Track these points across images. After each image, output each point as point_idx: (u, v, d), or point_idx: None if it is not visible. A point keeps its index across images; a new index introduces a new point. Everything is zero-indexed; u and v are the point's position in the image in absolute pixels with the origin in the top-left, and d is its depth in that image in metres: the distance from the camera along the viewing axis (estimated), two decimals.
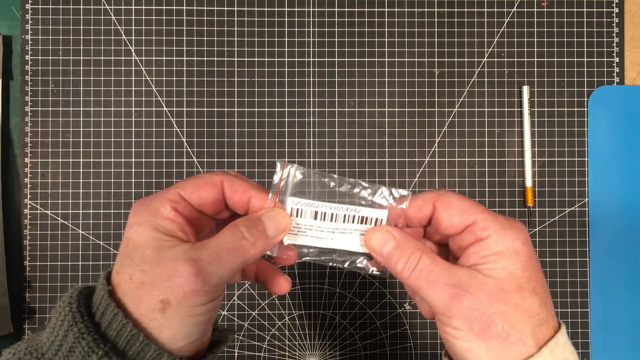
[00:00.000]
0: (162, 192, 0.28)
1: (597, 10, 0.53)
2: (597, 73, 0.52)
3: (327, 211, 0.29)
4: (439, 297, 0.26)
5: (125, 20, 0.52)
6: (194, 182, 0.28)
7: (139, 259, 0.26)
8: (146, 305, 0.25)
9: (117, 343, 0.25)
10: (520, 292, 0.26)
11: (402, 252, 0.28)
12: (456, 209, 0.28)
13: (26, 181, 0.51)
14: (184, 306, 0.25)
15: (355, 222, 0.30)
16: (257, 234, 0.27)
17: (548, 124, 0.52)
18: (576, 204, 0.52)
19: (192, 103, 0.52)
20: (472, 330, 0.26)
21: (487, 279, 0.26)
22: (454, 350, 0.27)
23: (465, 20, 0.52)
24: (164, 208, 0.27)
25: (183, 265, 0.25)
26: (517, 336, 0.26)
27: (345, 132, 0.52)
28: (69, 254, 0.51)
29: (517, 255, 0.26)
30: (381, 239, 0.29)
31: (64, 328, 0.25)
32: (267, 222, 0.28)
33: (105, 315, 0.25)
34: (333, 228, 0.30)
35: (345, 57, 0.52)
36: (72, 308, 0.25)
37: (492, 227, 0.27)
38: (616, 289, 0.51)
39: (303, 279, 0.52)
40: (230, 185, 0.28)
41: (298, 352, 0.51)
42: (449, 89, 0.52)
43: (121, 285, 0.26)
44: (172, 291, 0.25)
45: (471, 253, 0.27)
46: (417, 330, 0.52)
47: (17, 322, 0.50)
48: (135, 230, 0.26)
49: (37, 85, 0.51)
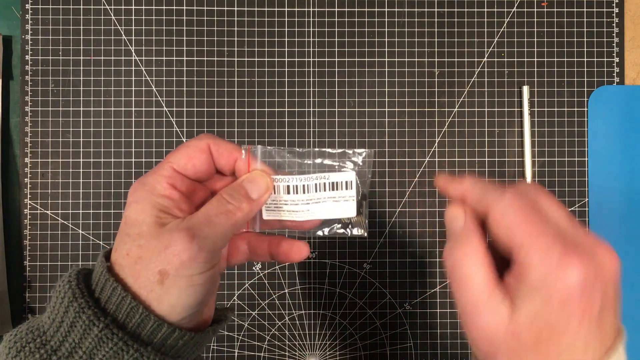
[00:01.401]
0: (156, 168, 0.28)
1: (597, 10, 0.53)
2: (597, 73, 0.52)
3: (298, 184, 0.30)
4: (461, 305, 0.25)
5: (125, 20, 0.52)
6: (185, 151, 0.29)
7: (135, 235, 0.26)
8: (144, 277, 0.25)
9: (117, 316, 0.25)
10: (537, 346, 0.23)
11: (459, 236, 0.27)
12: (505, 228, 0.24)
13: (26, 181, 0.51)
14: (181, 275, 0.25)
15: (327, 190, 0.31)
16: (240, 197, 0.28)
17: (548, 124, 0.52)
18: (576, 204, 0.52)
19: (192, 103, 0.52)
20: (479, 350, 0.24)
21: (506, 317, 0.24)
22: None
23: (465, 20, 0.52)
24: (159, 185, 0.28)
25: (177, 234, 0.25)
26: None
27: (345, 132, 0.52)
28: (69, 254, 0.51)
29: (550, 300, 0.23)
30: (453, 214, 0.28)
31: (64, 305, 0.25)
32: (248, 185, 0.29)
33: (104, 290, 0.25)
34: (307, 199, 0.31)
35: (345, 57, 0.52)
36: (72, 285, 0.25)
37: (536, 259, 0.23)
38: None
39: (303, 279, 0.52)
40: (217, 148, 0.29)
41: (298, 352, 0.51)
42: (449, 89, 0.52)
43: (119, 261, 0.26)
44: (168, 261, 0.25)
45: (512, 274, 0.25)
46: (417, 330, 0.52)
47: (17, 322, 0.50)
48: (133, 208, 0.27)
49: (37, 85, 0.51)
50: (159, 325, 0.25)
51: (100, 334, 0.24)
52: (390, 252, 0.52)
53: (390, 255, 0.52)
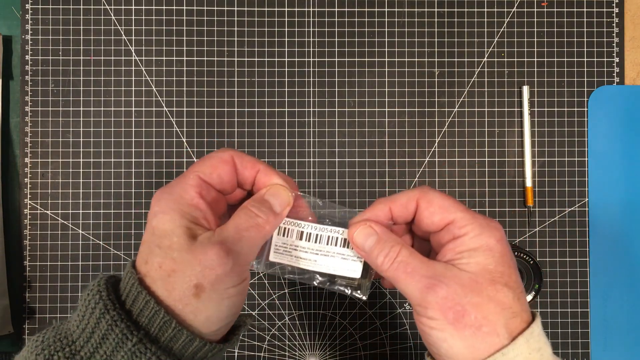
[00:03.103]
0: (182, 178, 0.28)
1: (597, 10, 0.53)
2: (597, 73, 0.52)
3: (312, 232, 0.31)
4: (415, 287, 0.27)
5: (125, 20, 0.52)
6: (209, 162, 0.29)
7: (166, 247, 0.26)
8: (179, 291, 0.25)
9: (150, 329, 0.25)
10: (493, 285, 0.27)
11: (383, 245, 0.29)
12: (437, 207, 0.29)
13: (26, 181, 0.51)
14: (217, 289, 0.26)
15: (338, 245, 0.31)
16: (266, 211, 0.29)
17: (548, 124, 0.52)
18: (576, 204, 0.52)
19: (192, 103, 0.52)
20: (447, 319, 0.26)
21: (462, 273, 0.27)
22: (430, 340, 0.28)
23: (465, 20, 0.52)
24: (187, 195, 0.28)
25: (212, 249, 0.26)
26: (490, 327, 0.26)
27: (345, 132, 0.52)
28: (69, 254, 0.51)
29: (490, 252, 0.28)
30: (364, 233, 0.30)
31: (96, 316, 0.25)
32: (272, 199, 0.29)
33: (136, 303, 0.25)
34: (317, 250, 0.31)
35: (345, 57, 0.52)
36: (103, 296, 0.25)
37: (469, 225, 0.28)
38: (616, 289, 0.51)
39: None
40: (240, 160, 0.30)
41: (298, 352, 0.51)
42: (449, 89, 0.52)
43: (151, 274, 0.26)
44: (204, 275, 0.25)
45: (448, 249, 0.29)
46: (417, 330, 0.52)
47: (17, 322, 0.50)
48: (161, 218, 0.27)
49: (37, 85, 0.51)
50: (190, 340, 0.25)
51: (134, 348, 0.24)
52: None
53: None
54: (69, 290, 0.51)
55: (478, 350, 0.26)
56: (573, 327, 0.51)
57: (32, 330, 0.50)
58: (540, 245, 0.52)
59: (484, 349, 0.26)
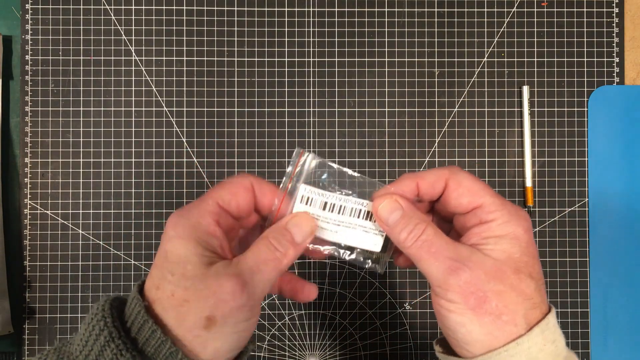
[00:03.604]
0: (199, 202, 0.28)
1: (597, 10, 0.53)
2: (597, 73, 0.52)
3: (335, 202, 0.30)
4: (438, 268, 0.27)
5: (125, 20, 0.52)
6: (229, 188, 0.28)
7: (180, 274, 0.26)
8: (190, 322, 0.25)
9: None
10: (517, 274, 0.27)
11: (408, 221, 0.28)
12: (466, 190, 0.28)
13: (26, 181, 0.51)
14: (228, 323, 0.25)
15: (361, 218, 0.30)
16: (286, 244, 0.28)
17: (548, 124, 0.52)
18: (576, 204, 0.52)
19: (192, 103, 0.52)
20: (467, 304, 0.26)
21: (487, 258, 0.27)
22: (447, 323, 0.27)
23: (465, 20, 0.52)
24: (205, 221, 0.27)
25: (227, 282, 0.25)
26: (510, 316, 0.26)
27: (345, 132, 0.52)
28: (69, 254, 0.51)
29: (517, 240, 0.27)
30: (389, 207, 0.29)
31: (100, 343, 0.24)
32: (294, 229, 0.29)
33: (142, 332, 0.25)
34: (339, 221, 0.30)
35: (345, 57, 0.52)
36: (107, 323, 0.25)
37: (498, 211, 0.27)
38: (616, 289, 0.51)
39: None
40: (259, 187, 0.29)
41: (298, 352, 0.51)
42: (449, 89, 0.52)
43: (162, 302, 0.26)
44: (217, 307, 0.25)
45: (473, 233, 0.28)
46: (417, 330, 0.52)
47: (17, 322, 0.50)
48: (175, 243, 0.26)
49: (37, 85, 0.51)
50: None
51: None
52: None
53: None
54: (69, 290, 0.51)
55: (496, 338, 0.26)
56: (573, 327, 0.51)
57: (32, 330, 0.50)
58: (540, 245, 0.52)
59: (501, 337, 0.26)
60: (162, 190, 0.51)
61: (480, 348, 0.26)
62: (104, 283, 0.51)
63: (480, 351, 0.26)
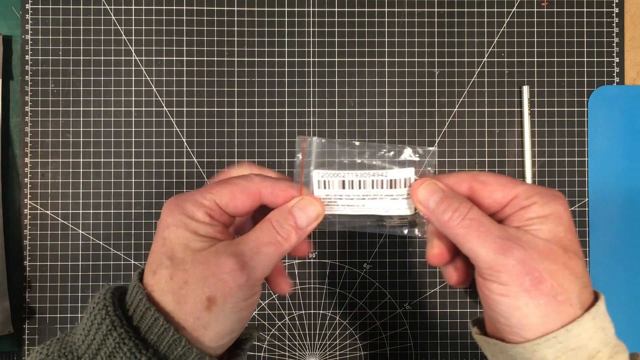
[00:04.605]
0: (197, 193, 0.27)
1: (597, 10, 0.53)
2: (597, 73, 0.52)
3: (354, 179, 0.30)
4: (488, 248, 0.26)
5: (125, 20, 0.52)
6: (231, 189, 0.27)
7: (179, 258, 0.25)
8: (191, 304, 0.25)
9: (159, 348, 0.24)
10: (566, 252, 0.26)
11: (451, 200, 0.27)
12: (496, 185, 0.28)
13: (26, 181, 0.51)
14: (228, 302, 0.25)
15: (385, 187, 0.30)
16: (289, 228, 0.28)
17: (548, 124, 0.52)
18: (576, 204, 0.52)
19: (192, 103, 0.52)
20: (522, 286, 0.25)
21: (536, 238, 0.26)
22: (498, 309, 0.26)
23: (465, 20, 0.52)
24: (199, 213, 0.27)
25: (227, 261, 0.25)
26: (565, 295, 0.25)
27: (345, 132, 0.52)
28: (69, 254, 0.51)
29: (560, 219, 0.27)
30: (428, 189, 0.28)
31: (102, 332, 0.24)
32: (298, 213, 0.28)
33: (144, 319, 0.25)
34: (363, 195, 0.30)
35: (345, 57, 0.52)
36: (109, 312, 0.24)
37: (535, 195, 0.27)
38: (616, 289, 0.51)
39: (303, 279, 0.52)
40: (271, 191, 0.28)
41: (298, 352, 0.51)
42: (449, 89, 0.52)
43: (160, 286, 0.25)
44: (217, 287, 0.25)
45: (515, 217, 0.27)
46: (417, 330, 0.52)
47: (17, 322, 0.50)
48: (173, 231, 0.26)
49: (37, 85, 0.51)
50: (200, 358, 0.25)
51: None
52: (390, 252, 0.52)
53: (390, 255, 0.52)
54: (69, 290, 0.51)
55: (552, 320, 0.25)
56: None
57: (32, 330, 0.50)
58: None
59: (557, 319, 0.25)
60: (162, 191, 0.51)
61: (535, 332, 0.25)
62: (104, 283, 0.51)
63: (534, 335, 0.25)
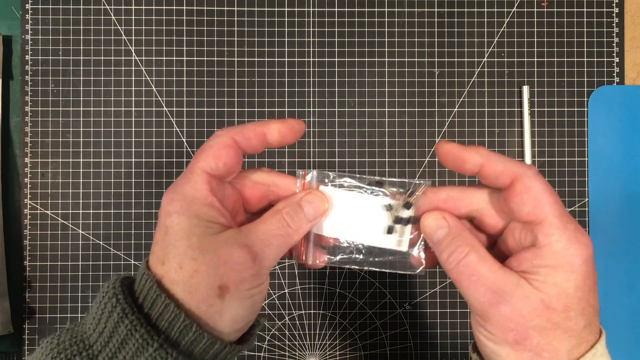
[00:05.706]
0: (188, 175, 0.27)
1: (597, 10, 0.53)
2: (597, 73, 0.52)
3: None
4: (477, 299, 0.26)
5: (125, 20, 0.52)
6: (211, 152, 0.27)
7: (186, 247, 0.25)
8: (203, 292, 0.25)
9: (170, 334, 0.25)
10: (566, 312, 0.25)
11: (450, 242, 0.27)
12: (532, 199, 0.25)
13: (26, 181, 0.51)
14: (240, 289, 0.25)
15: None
16: (299, 220, 0.28)
17: (548, 124, 0.52)
18: (576, 204, 0.52)
19: (192, 103, 0.52)
20: (506, 339, 0.25)
21: (534, 292, 0.25)
22: (483, 349, 0.27)
23: (465, 20, 0.52)
24: (199, 194, 0.26)
25: (239, 252, 0.25)
26: (552, 353, 0.25)
27: (345, 132, 0.52)
28: (69, 254, 0.51)
29: (572, 274, 0.25)
30: (434, 224, 0.28)
31: (114, 319, 0.24)
32: (307, 207, 0.29)
33: (155, 306, 0.25)
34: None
35: (345, 57, 0.52)
36: (120, 300, 0.24)
37: (556, 235, 0.25)
38: (616, 289, 0.51)
39: (303, 279, 0.52)
40: (242, 136, 0.28)
41: (298, 352, 0.51)
42: (449, 89, 0.52)
43: (170, 275, 0.25)
44: (229, 276, 0.25)
45: (524, 258, 0.26)
46: (417, 330, 0.52)
47: (17, 322, 0.50)
48: (176, 219, 0.26)
49: (37, 85, 0.51)
50: (211, 343, 0.25)
51: (155, 354, 0.23)
52: None
53: None
54: (69, 290, 0.51)
55: None
56: None
57: (32, 330, 0.50)
58: None
59: None
60: (162, 191, 0.51)
61: None
62: (103, 283, 0.51)
63: None
